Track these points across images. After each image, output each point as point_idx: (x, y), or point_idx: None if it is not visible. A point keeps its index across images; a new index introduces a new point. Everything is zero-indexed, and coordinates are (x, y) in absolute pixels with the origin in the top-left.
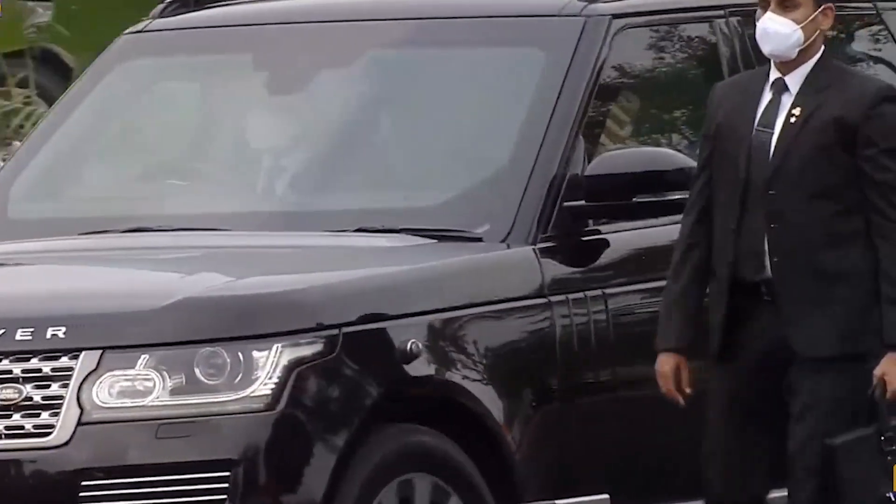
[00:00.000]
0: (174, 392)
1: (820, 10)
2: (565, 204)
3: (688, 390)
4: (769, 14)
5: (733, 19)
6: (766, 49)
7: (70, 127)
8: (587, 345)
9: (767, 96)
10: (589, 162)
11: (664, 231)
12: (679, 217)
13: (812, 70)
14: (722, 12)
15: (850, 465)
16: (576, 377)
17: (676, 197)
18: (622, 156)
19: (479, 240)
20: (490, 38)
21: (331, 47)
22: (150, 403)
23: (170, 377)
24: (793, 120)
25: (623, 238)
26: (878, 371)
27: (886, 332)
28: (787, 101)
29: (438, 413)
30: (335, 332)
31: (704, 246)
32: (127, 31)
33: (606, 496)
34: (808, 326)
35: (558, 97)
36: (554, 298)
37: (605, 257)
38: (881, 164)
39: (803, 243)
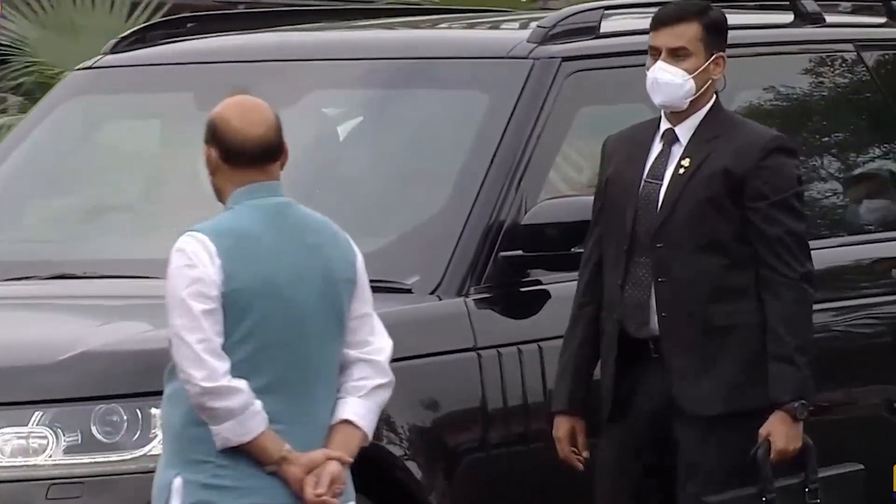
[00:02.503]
0: (68, 451)
1: (712, 59)
2: (502, 254)
3: (585, 454)
4: (660, 63)
5: None
6: (657, 100)
7: (12, 165)
8: (519, 399)
9: (657, 147)
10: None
11: None
12: None
13: (703, 120)
14: None
15: None
16: (505, 433)
17: None
18: (561, 204)
19: (409, 291)
20: (434, 80)
21: (274, 87)
22: (43, 462)
23: (64, 435)
24: (681, 171)
25: (564, 289)
26: (763, 430)
27: (772, 389)
28: (676, 151)
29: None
30: None
31: (596, 304)
32: (77, 66)
33: None
34: (696, 383)
35: (499, 143)
36: (484, 353)
37: (545, 309)
38: (771, 216)
39: (691, 297)
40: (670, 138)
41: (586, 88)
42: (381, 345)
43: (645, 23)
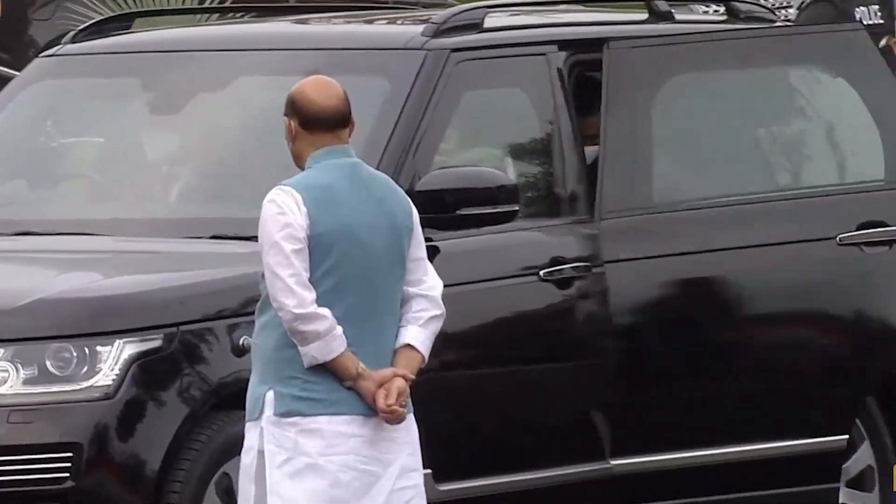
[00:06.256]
0: (26, 382)
1: None
2: None
3: None
4: None
5: (563, 52)
6: None
7: None
8: None
9: None
10: (420, 178)
11: (488, 240)
12: (503, 227)
13: None
14: (554, 46)
15: None
16: None
17: (497, 210)
18: (450, 174)
19: None
20: (343, 67)
21: (207, 73)
22: (5, 392)
23: (23, 369)
24: None
25: (451, 245)
26: None
27: None
28: None
29: None
30: (173, 329)
31: None
32: (41, 54)
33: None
34: None
35: (397, 121)
36: None
37: (435, 263)
38: None
39: None
40: None
41: (471, 75)
42: (434, 283)
43: (522, 20)
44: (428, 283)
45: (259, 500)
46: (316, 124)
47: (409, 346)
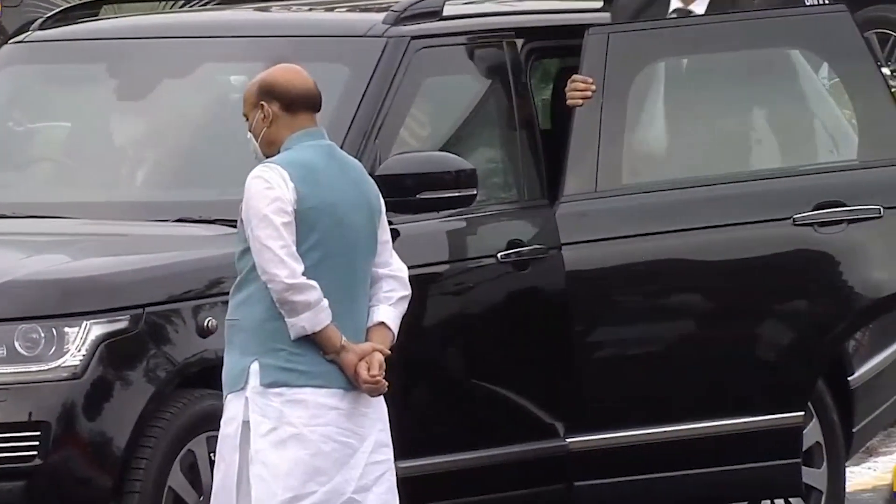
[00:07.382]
0: None
1: None
2: None
3: None
4: None
5: (519, 40)
6: None
7: None
8: None
9: None
10: (381, 163)
11: (447, 223)
12: (462, 210)
13: None
14: (511, 34)
15: None
16: None
17: (456, 194)
18: (409, 158)
19: None
20: (305, 54)
21: (173, 60)
22: None
23: None
24: None
25: (410, 228)
26: None
27: None
28: None
29: None
30: (139, 310)
31: None
32: (10, 41)
33: None
34: None
35: (358, 107)
36: None
37: (395, 245)
38: None
39: None
40: None
41: (431, 62)
42: (400, 265)
43: (480, 8)
44: (394, 265)
45: (244, 468)
46: (299, 105)
47: (381, 323)
